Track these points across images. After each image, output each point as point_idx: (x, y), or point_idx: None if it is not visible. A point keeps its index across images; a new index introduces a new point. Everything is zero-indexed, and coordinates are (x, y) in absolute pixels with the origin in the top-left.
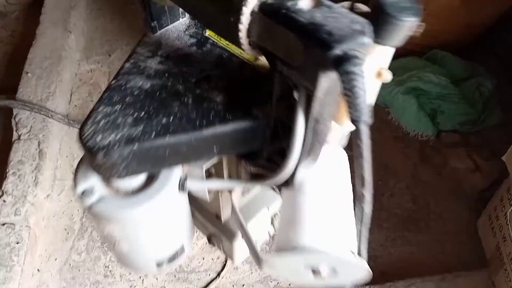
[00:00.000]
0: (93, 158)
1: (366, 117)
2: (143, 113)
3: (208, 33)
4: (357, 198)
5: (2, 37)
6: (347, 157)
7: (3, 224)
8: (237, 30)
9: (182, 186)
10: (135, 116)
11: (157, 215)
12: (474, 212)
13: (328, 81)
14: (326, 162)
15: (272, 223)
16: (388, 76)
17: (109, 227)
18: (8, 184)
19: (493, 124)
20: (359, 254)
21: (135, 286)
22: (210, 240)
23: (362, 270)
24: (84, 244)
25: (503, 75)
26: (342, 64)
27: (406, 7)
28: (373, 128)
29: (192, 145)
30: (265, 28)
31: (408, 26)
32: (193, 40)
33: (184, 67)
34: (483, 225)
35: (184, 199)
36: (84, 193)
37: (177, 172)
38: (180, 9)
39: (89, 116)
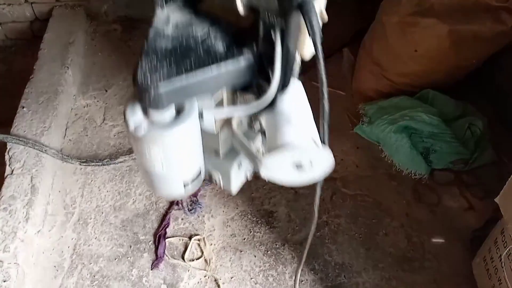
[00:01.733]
0: (146, 92)
1: (319, 39)
2: (173, 61)
3: (202, 6)
4: (320, 97)
5: (0, 70)
6: (301, 84)
7: None
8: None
9: (201, 114)
10: (168, 63)
11: (187, 135)
12: (469, 251)
13: (294, 21)
14: (292, 89)
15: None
16: (325, 16)
17: (154, 150)
18: None
19: (485, 163)
20: (324, 143)
21: None
22: (210, 177)
23: (328, 157)
24: (74, 282)
25: (493, 114)
26: (303, 7)
27: None
28: (367, 166)
29: (208, 79)
30: None
31: None
32: (192, 12)
33: (190, 31)
34: (478, 266)
35: (199, 127)
36: (136, 127)
37: (196, 105)
38: None
39: (137, 67)
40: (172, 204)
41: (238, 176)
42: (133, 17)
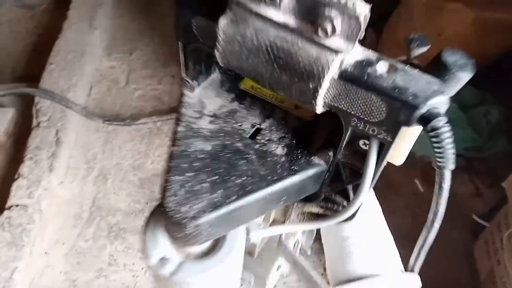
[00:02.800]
0: (182, 230)
1: (452, 165)
2: (216, 176)
3: (242, 86)
4: (426, 226)
5: (28, 27)
6: None
7: (17, 205)
8: (315, 94)
9: (248, 239)
10: (210, 181)
11: (232, 269)
12: (472, 235)
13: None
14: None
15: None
16: None
17: None
18: (24, 168)
19: (497, 152)
20: (412, 270)
21: (137, 276)
22: None
23: (415, 285)
24: (91, 233)
25: (510, 105)
26: (429, 122)
27: (464, 64)
28: None
29: (265, 201)
30: (343, 91)
31: (466, 79)
32: (232, 95)
33: (234, 124)
34: (479, 248)
35: (243, 252)
36: (161, 262)
37: (243, 227)
38: (213, 66)
39: (165, 189)
40: None
41: (274, 278)
42: None
